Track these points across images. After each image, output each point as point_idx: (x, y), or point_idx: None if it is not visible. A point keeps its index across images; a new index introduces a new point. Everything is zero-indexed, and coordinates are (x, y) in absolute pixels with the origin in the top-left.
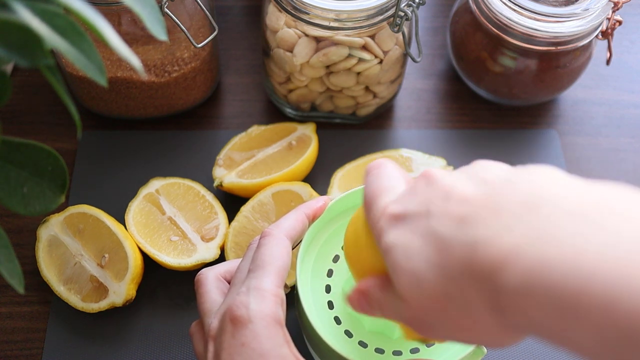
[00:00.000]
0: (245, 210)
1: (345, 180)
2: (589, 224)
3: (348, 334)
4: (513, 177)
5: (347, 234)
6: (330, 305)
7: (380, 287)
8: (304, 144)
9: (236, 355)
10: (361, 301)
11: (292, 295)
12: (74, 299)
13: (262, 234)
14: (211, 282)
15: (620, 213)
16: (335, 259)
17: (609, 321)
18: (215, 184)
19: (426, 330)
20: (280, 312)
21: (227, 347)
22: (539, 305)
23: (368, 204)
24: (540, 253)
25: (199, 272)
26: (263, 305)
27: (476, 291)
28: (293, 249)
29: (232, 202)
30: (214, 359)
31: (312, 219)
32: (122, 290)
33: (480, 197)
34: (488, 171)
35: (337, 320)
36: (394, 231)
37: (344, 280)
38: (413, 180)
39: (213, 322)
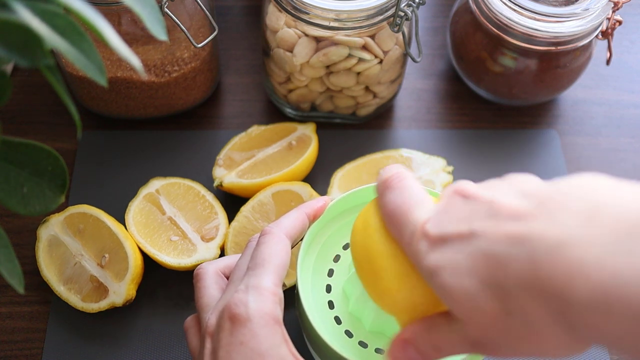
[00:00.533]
0: (245, 210)
1: (345, 180)
2: None
3: (348, 334)
4: (562, 187)
5: (360, 253)
6: (331, 305)
7: (428, 328)
8: (304, 144)
9: (234, 354)
10: (410, 352)
11: (292, 295)
12: (74, 299)
13: (262, 232)
14: (210, 277)
15: None
16: (336, 258)
17: None
18: (215, 184)
19: (491, 350)
20: (279, 311)
21: (225, 345)
22: (615, 320)
23: (397, 223)
24: (613, 266)
25: (198, 267)
26: (262, 304)
27: (541, 306)
28: (292, 248)
29: (232, 202)
30: (210, 356)
31: (313, 219)
32: (122, 290)
33: (531, 210)
34: (526, 183)
35: (338, 320)
36: (436, 253)
37: (345, 280)
38: (444, 196)
39: (211, 319)
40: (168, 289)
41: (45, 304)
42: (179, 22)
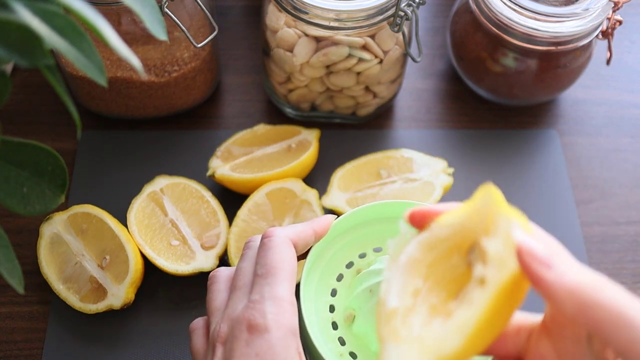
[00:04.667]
0: (242, 214)
1: (345, 180)
2: None
3: (352, 355)
4: None
5: None
6: (335, 325)
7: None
8: (303, 148)
9: None
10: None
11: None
12: (73, 299)
13: (265, 234)
14: (225, 281)
15: None
16: (339, 277)
17: None
18: (208, 173)
19: None
20: (296, 321)
21: (239, 355)
22: None
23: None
24: None
25: (214, 270)
26: (280, 315)
27: None
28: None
29: (232, 201)
30: None
31: (318, 237)
32: (120, 293)
33: None
34: None
35: (342, 341)
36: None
37: (350, 298)
38: None
39: (222, 327)
40: (169, 290)
41: (45, 304)
42: (179, 22)
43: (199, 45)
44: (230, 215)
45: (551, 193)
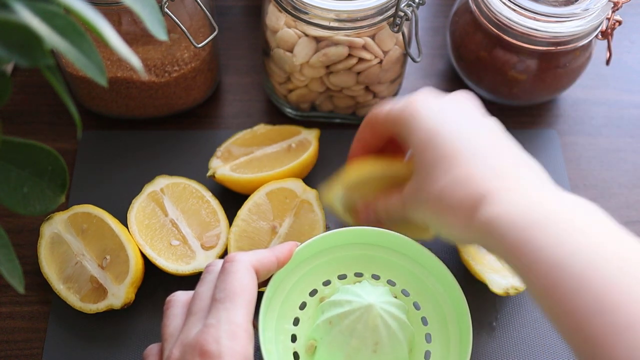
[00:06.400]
0: (242, 214)
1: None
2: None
3: None
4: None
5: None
6: (296, 356)
7: (385, 198)
8: (303, 147)
9: None
10: (369, 213)
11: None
12: (73, 299)
13: (227, 259)
14: (182, 306)
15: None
16: (302, 305)
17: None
18: (209, 174)
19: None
20: (251, 349)
21: None
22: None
23: None
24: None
25: (171, 294)
26: (235, 342)
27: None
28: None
29: (232, 201)
30: None
31: (280, 264)
32: (121, 293)
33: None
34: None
35: None
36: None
37: (312, 328)
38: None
39: (174, 352)
40: (168, 290)
41: (46, 303)
42: (179, 22)
43: (199, 46)
44: (231, 215)
45: None
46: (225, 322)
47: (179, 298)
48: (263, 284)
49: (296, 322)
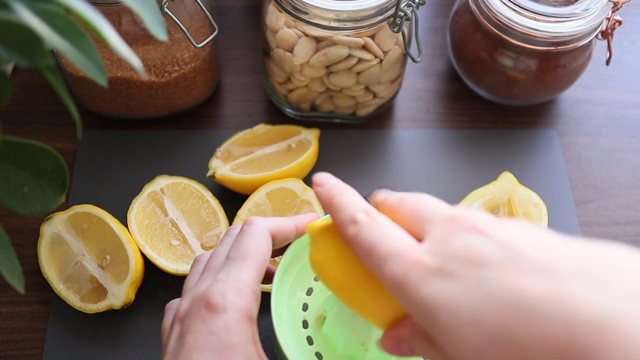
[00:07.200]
0: (242, 214)
1: None
2: None
3: (318, 355)
4: (602, 253)
5: (335, 284)
6: (305, 324)
7: (417, 336)
8: (303, 147)
9: (202, 342)
10: (404, 349)
11: (267, 301)
12: (73, 299)
13: (246, 221)
14: (203, 265)
15: None
16: (317, 277)
17: None
18: (209, 174)
19: None
20: (255, 308)
21: (194, 331)
22: None
23: (378, 255)
24: None
25: (199, 254)
26: (240, 298)
27: None
28: (274, 256)
29: (232, 201)
30: (177, 340)
31: (300, 233)
32: (121, 293)
33: (566, 268)
34: (544, 234)
35: (310, 341)
36: (433, 286)
37: (323, 299)
38: (439, 221)
39: (184, 304)
40: (168, 290)
41: (46, 303)
42: (179, 22)
43: (199, 46)
44: (231, 215)
45: (550, 193)
46: (233, 279)
47: (204, 257)
48: (280, 251)
49: (309, 292)
